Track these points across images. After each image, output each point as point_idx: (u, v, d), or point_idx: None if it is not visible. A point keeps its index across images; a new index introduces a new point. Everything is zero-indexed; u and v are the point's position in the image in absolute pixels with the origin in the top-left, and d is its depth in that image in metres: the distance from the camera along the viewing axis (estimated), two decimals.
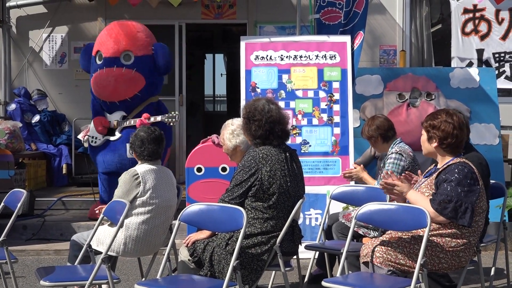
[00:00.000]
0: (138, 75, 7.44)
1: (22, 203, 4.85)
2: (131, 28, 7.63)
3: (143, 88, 7.49)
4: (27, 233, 7.69)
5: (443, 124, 4.21)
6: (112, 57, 7.47)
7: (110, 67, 7.44)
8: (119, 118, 7.55)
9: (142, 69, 7.47)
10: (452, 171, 4.10)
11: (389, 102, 7.91)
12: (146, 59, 7.52)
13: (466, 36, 9.53)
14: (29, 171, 9.12)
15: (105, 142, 7.60)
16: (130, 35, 7.55)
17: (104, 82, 7.45)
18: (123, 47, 7.47)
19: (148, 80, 7.51)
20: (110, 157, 7.56)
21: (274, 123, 4.39)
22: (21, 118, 9.78)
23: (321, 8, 7.70)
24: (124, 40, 7.50)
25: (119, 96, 7.47)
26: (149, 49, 7.58)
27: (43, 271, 4.27)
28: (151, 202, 4.83)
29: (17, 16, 10.51)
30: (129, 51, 7.47)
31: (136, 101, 7.54)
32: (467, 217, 4.01)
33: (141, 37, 7.60)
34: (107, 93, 7.49)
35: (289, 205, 4.35)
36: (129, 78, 7.41)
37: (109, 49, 7.50)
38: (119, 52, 7.46)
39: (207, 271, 4.24)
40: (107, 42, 7.55)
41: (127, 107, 7.55)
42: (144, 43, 7.57)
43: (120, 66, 7.43)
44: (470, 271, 5.02)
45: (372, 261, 4.13)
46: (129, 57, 7.47)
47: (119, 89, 7.43)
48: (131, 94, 7.47)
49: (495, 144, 7.90)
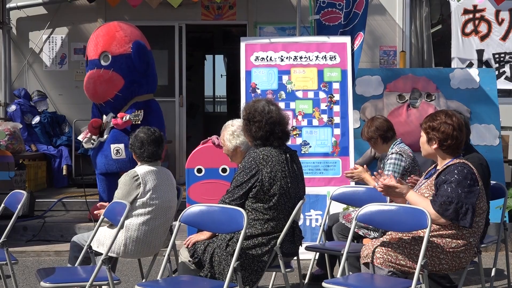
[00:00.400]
0: (116, 75, 7.44)
1: (22, 204, 4.85)
2: (110, 28, 7.64)
3: (122, 87, 7.47)
4: (27, 234, 7.69)
5: (442, 125, 4.20)
6: (93, 60, 7.56)
7: (91, 69, 7.55)
8: (109, 119, 7.57)
9: (120, 69, 7.45)
10: (452, 172, 4.09)
11: (389, 103, 7.91)
12: (123, 58, 7.49)
13: (466, 36, 9.54)
14: (29, 172, 9.12)
15: (99, 143, 7.64)
16: (108, 36, 7.55)
17: (87, 85, 7.55)
18: (100, 48, 7.51)
19: (127, 79, 7.48)
20: (99, 158, 7.61)
21: (274, 124, 4.38)
22: (21, 119, 9.78)
23: (321, 9, 7.71)
24: (102, 41, 7.54)
25: (100, 98, 7.54)
26: (127, 47, 7.52)
27: (44, 272, 4.27)
28: (151, 203, 4.83)
29: (17, 18, 10.51)
30: (107, 51, 7.49)
31: (119, 101, 7.53)
32: (468, 218, 4.01)
33: (118, 36, 7.56)
34: (89, 95, 7.60)
35: (290, 206, 4.35)
36: (106, 79, 7.43)
37: (91, 51, 7.61)
38: (97, 54, 7.51)
39: (208, 272, 4.24)
40: (90, 45, 7.67)
41: (113, 108, 7.58)
42: (120, 42, 7.51)
43: (99, 67, 7.47)
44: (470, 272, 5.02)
45: (372, 262, 4.12)
46: (107, 57, 7.49)
47: (98, 91, 7.48)
48: (112, 94, 7.47)
49: (495, 145, 7.90)
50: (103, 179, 7.68)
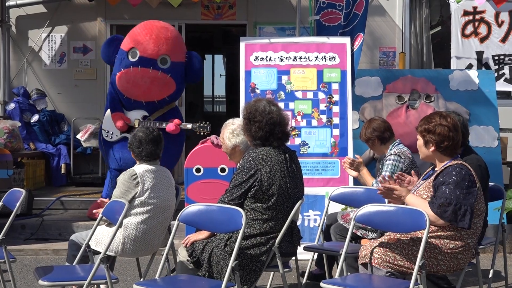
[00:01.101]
0: (172, 81, 7.51)
1: (20, 202, 4.84)
2: (171, 33, 7.59)
3: (172, 93, 7.61)
4: (25, 232, 7.68)
5: (438, 127, 4.19)
6: (149, 58, 7.43)
7: (146, 67, 7.42)
8: (140, 117, 7.57)
9: (175, 75, 7.54)
10: (450, 173, 4.09)
11: (388, 103, 7.91)
12: (180, 65, 7.61)
13: (466, 38, 9.54)
14: (28, 170, 9.12)
15: (122, 138, 7.59)
16: (170, 40, 7.51)
17: (138, 81, 7.45)
18: (163, 50, 7.44)
19: (178, 86, 7.61)
20: (128, 154, 7.50)
21: (274, 124, 4.38)
22: (20, 118, 9.78)
23: (321, 9, 7.71)
24: (165, 43, 7.46)
25: (149, 97, 7.53)
26: (184, 56, 7.66)
27: (42, 271, 4.26)
28: (149, 202, 4.83)
29: (16, 16, 10.51)
30: (167, 55, 7.47)
31: (162, 104, 7.64)
32: (467, 220, 4.01)
33: (179, 43, 7.65)
34: (138, 92, 7.51)
35: (288, 206, 4.35)
36: (164, 82, 7.47)
37: (148, 49, 7.43)
38: (157, 55, 7.44)
39: (205, 272, 4.24)
40: (146, 42, 7.45)
41: (151, 108, 7.61)
42: (181, 50, 7.65)
43: (157, 68, 7.44)
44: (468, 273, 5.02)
45: (370, 262, 4.13)
46: (165, 61, 7.47)
47: (152, 91, 7.49)
48: (161, 97, 7.56)
49: (494, 147, 7.91)
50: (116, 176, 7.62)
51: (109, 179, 7.77)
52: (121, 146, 7.59)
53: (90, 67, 10.52)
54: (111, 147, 7.69)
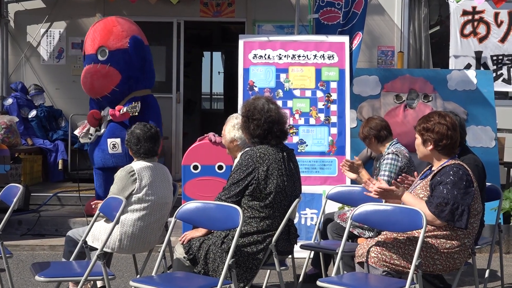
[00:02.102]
0: (113, 70, 7.43)
1: (17, 198, 4.84)
2: (107, 23, 7.62)
3: (119, 82, 7.47)
4: (22, 228, 7.68)
5: (436, 126, 4.20)
6: (90, 54, 7.53)
7: (88, 64, 7.52)
8: (106, 113, 7.56)
9: (117, 64, 7.44)
10: (447, 173, 4.10)
11: (386, 103, 7.92)
12: (120, 53, 7.47)
13: (464, 38, 9.55)
14: (25, 166, 9.11)
15: (97, 137, 7.62)
16: (105, 30, 7.53)
17: (83, 80, 7.55)
18: (97, 42, 7.49)
19: (124, 74, 7.47)
20: (96, 152, 7.60)
21: (273, 123, 4.38)
22: (18, 113, 9.77)
23: (320, 8, 7.71)
24: (99, 35, 7.51)
25: (97, 93, 7.53)
26: (125, 42, 7.50)
27: (38, 267, 4.26)
28: (147, 199, 4.82)
29: (15, 11, 10.49)
30: (104, 46, 7.47)
31: (116, 96, 7.52)
32: (464, 220, 4.02)
33: (116, 31, 7.53)
34: (87, 90, 7.60)
35: (286, 205, 4.35)
36: (103, 74, 7.43)
37: (88, 46, 7.58)
38: (94, 49, 7.49)
39: (202, 269, 4.25)
40: (87, 40, 7.64)
41: (110, 103, 7.56)
42: (118, 36, 7.50)
43: (96, 62, 7.46)
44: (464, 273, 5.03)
45: (367, 261, 4.13)
46: (104, 52, 7.47)
47: (95, 86, 7.48)
48: (109, 89, 7.47)
49: (491, 147, 7.92)
50: (100, 174, 7.67)
51: (95, 179, 7.80)
52: (94, 146, 7.65)
53: None
54: (91, 148, 7.74)
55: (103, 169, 7.60)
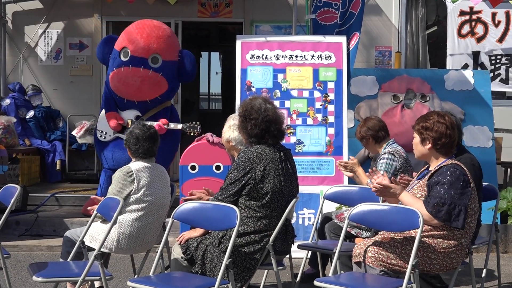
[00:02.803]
0: (163, 80, 7.46)
1: (15, 198, 4.84)
2: (163, 31, 7.55)
3: (164, 92, 7.55)
4: (20, 228, 7.68)
5: (435, 124, 4.23)
6: (140, 57, 7.40)
7: (136, 66, 7.38)
8: (133, 117, 7.55)
9: (167, 74, 7.48)
10: (444, 173, 4.11)
11: (383, 103, 7.93)
12: (172, 64, 7.54)
13: (462, 38, 9.56)
14: (23, 166, 9.11)
15: (115, 138, 7.59)
16: (162, 39, 7.47)
17: (129, 81, 7.42)
18: (153, 49, 7.41)
19: (170, 85, 7.56)
20: (120, 154, 7.54)
21: (270, 122, 4.40)
22: (16, 114, 9.76)
23: (317, 8, 7.72)
24: (155, 42, 7.42)
25: (140, 97, 7.49)
26: (176, 54, 7.58)
27: (36, 267, 4.26)
28: (144, 199, 4.83)
29: (13, 11, 10.49)
30: (158, 54, 7.43)
31: (154, 103, 7.59)
32: (461, 220, 4.03)
33: (171, 42, 7.58)
34: (129, 91, 7.48)
35: (283, 205, 4.36)
36: (155, 82, 7.42)
37: (138, 48, 7.40)
38: (148, 54, 7.40)
39: (199, 269, 4.25)
40: (137, 40, 7.43)
41: (144, 108, 7.58)
42: (173, 48, 7.57)
43: (147, 67, 7.40)
44: (461, 272, 5.04)
45: (364, 261, 4.14)
46: (157, 60, 7.44)
47: (143, 90, 7.45)
48: (153, 96, 7.51)
49: (489, 147, 7.93)
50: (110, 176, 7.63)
51: (103, 179, 7.78)
52: (114, 146, 7.61)
53: (86, 63, 10.51)
54: (105, 147, 7.69)
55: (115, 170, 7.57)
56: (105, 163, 7.73)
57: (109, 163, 7.67)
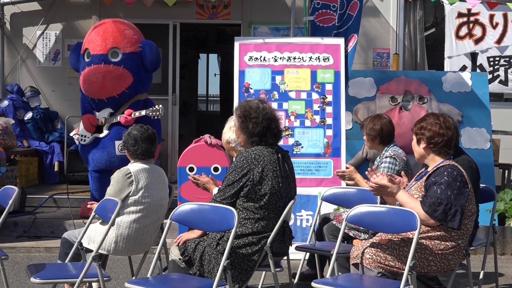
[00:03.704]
0: (126, 72, 7.44)
1: (13, 200, 4.84)
2: (118, 25, 7.63)
3: (130, 85, 7.50)
4: (18, 230, 7.68)
5: (429, 124, 4.30)
6: (99, 54, 7.46)
7: (97, 64, 7.43)
8: (107, 115, 7.56)
9: (130, 66, 7.46)
10: (442, 173, 4.13)
11: (381, 105, 7.94)
12: (133, 56, 7.51)
13: (460, 39, 9.57)
14: (21, 168, 9.10)
15: (94, 140, 7.60)
16: (118, 32, 7.53)
17: (92, 79, 7.46)
18: (110, 44, 7.46)
19: (135, 77, 7.51)
20: (99, 155, 7.56)
21: (270, 120, 4.42)
22: (14, 115, 9.76)
23: (315, 10, 7.73)
24: (112, 37, 7.49)
25: (106, 93, 7.48)
26: (137, 46, 7.56)
27: (34, 268, 4.27)
28: (143, 201, 4.83)
29: (11, 13, 10.49)
30: (117, 48, 7.46)
31: (124, 98, 7.54)
32: (457, 220, 4.04)
33: (128, 34, 7.58)
34: (94, 89, 7.50)
35: (281, 206, 4.36)
36: (116, 75, 7.41)
37: (97, 46, 7.50)
38: (106, 49, 7.45)
39: (197, 271, 4.26)
40: (95, 39, 7.56)
41: (114, 104, 7.55)
42: (131, 40, 7.55)
43: (108, 63, 7.43)
44: (459, 274, 5.05)
45: (362, 262, 4.15)
46: (116, 54, 7.46)
47: (106, 86, 7.43)
48: (119, 91, 7.47)
49: (486, 149, 7.94)
50: (97, 178, 7.66)
51: (91, 182, 7.79)
52: (93, 148, 7.63)
53: None
54: (85, 150, 7.71)
55: (100, 171, 7.59)
56: (89, 166, 7.76)
57: (91, 165, 7.69)
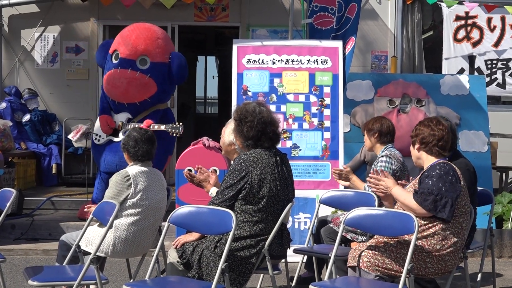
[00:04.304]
0: (151, 82, 7.44)
1: (11, 202, 4.83)
2: (152, 33, 7.58)
3: (154, 94, 7.52)
4: (15, 232, 7.67)
5: (422, 126, 4.42)
6: (128, 59, 7.44)
7: (124, 68, 7.41)
8: (124, 119, 7.55)
9: (156, 76, 7.47)
10: (434, 168, 4.23)
11: (379, 107, 7.94)
12: (161, 66, 7.53)
13: (458, 42, 9.59)
14: (19, 170, 9.10)
15: (108, 141, 7.59)
16: (150, 40, 7.50)
17: (116, 82, 7.43)
18: (141, 51, 7.44)
19: (160, 87, 7.53)
20: (111, 157, 7.54)
21: (265, 123, 4.41)
22: (12, 117, 9.76)
23: (313, 13, 7.73)
24: (143, 44, 7.46)
25: (128, 99, 7.48)
26: (166, 56, 7.57)
27: (31, 271, 4.26)
28: (141, 203, 4.83)
29: (9, 15, 10.49)
30: (146, 56, 7.45)
31: (144, 106, 7.56)
32: (447, 211, 4.09)
33: (160, 43, 7.57)
34: (117, 93, 7.48)
35: (279, 209, 4.36)
36: (142, 83, 7.41)
37: (127, 50, 7.46)
38: (136, 55, 7.43)
39: (195, 273, 4.26)
40: (126, 42, 7.50)
41: (134, 110, 7.57)
42: (162, 50, 7.55)
43: (135, 69, 7.41)
44: (457, 277, 5.05)
45: (359, 265, 4.15)
46: (145, 61, 7.46)
47: (130, 92, 7.43)
48: (141, 98, 7.48)
49: (484, 151, 7.95)
50: (106, 179, 7.63)
51: (97, 182, 7.79)
52: (106, 149, 7.63)
53: (82, 67, 10.51)
54: (99, 150, 7.71)
55: (110, 173, 7.57)
56: (101, 166, 7.75)
57: (101, 166, 7.69)
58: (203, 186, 4.83)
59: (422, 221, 4.13)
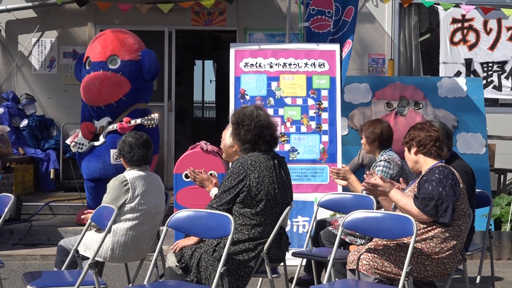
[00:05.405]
0: (124, 79, 7.47)
1: (9, 207, 4.83)
2: (119, 34, 7.69)
3: (128, 92, 7.51)
4: (13, 237, 7.66)
5: (416, 130, 4.42)
6: (99, 61, 7.51)
7: (96, 71, 7.48)
8: (105, 123, 7.56)
9: (128, 74, 7.50)
10: (433, 172, 4.22)
11: (377, 110, 7.95)
12: (132, 64, 7.55)
13: (454, 45, 9.61)
14: (17, 175, 9.09)
15: (91, 148, 7.60)
16: (117, 41, 7.59)
17: (90, 86, 7.49)
18: (110, 51, 7.51)
19: (133, 85, 7.53)
20: (94, 163, 7.55)
21: (262, 127, 4.41)
22: (9, 122, 9.75)
23: (310, 16, 7.75)
24: (111, 44, 7.55)
25: (104, 100, 7.49)
26: (136, 54, 7.60)
27: (30, 276, 4.26)
28: (139, 208, 4.82)
29: (6, 20, 10.49)
30: (116, 55, 7.50)
31: (122, 106, 7.55)
32: (448, 215, 4.08)
33: (128, 42, 7.64)
34: (92, 96, 7.51)
35: (277, 212, 4.36)
36: (114, 82, 7.43)
37: (97, 54, 7.55)
38: (105, 56, 7.49)
39: (194, 277, 4.25)
40: (96, 47, 7.62)
41: (113, 112, 7.56)
42: (131, 48, 7.60)
43: (106, 69, 7.47)
44: (456, 279, 5.05)
45: (358, 268, 4.15)
46: (115, 61, 7.50)
47: (103, 92, 7.45)
48: (116, 98, 7.48)
49: (482, 154, 7.96)
50: (92, 187, 7.64)
51: (86, 193, 7.79)
52: (89, 156, 7.63)
53: None
54: (82, 158, 7.71)
55: (96, 180, 7.57)
56: (84, 174, 7.75)
57: (85, 173, 7.68)
58: (205, 186, 4.84)
59: (421, 224, 4.13)
